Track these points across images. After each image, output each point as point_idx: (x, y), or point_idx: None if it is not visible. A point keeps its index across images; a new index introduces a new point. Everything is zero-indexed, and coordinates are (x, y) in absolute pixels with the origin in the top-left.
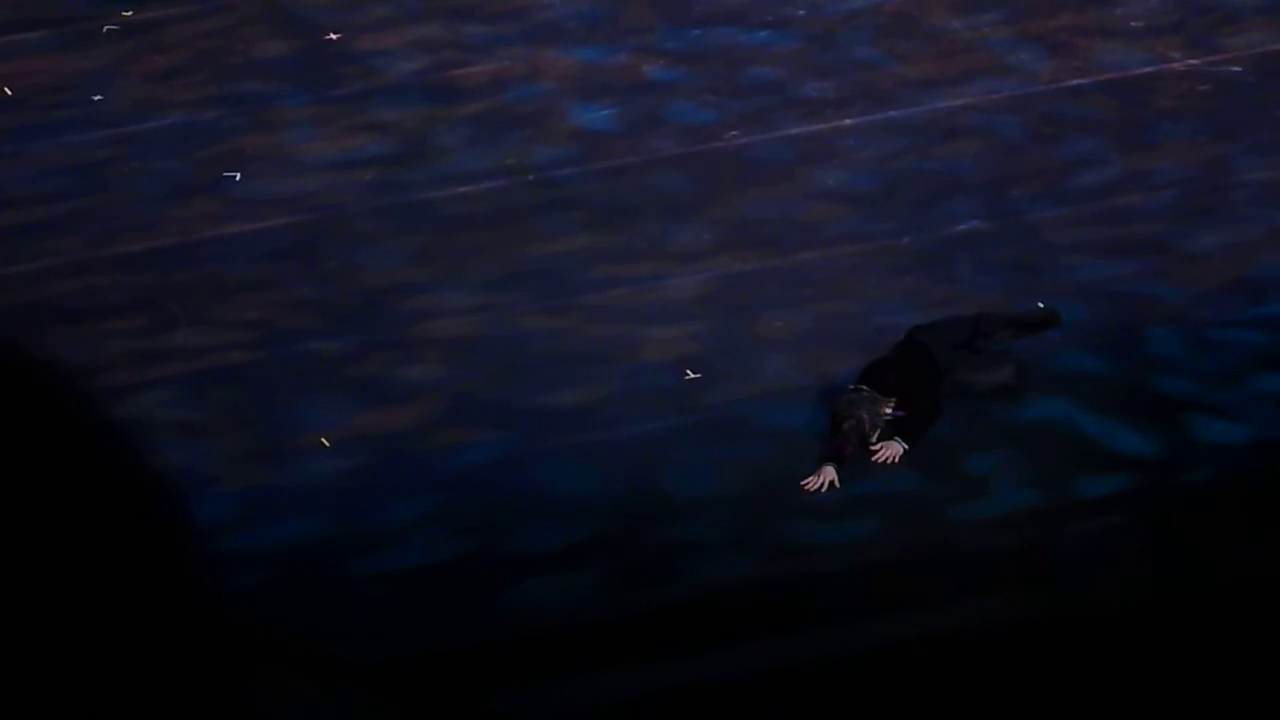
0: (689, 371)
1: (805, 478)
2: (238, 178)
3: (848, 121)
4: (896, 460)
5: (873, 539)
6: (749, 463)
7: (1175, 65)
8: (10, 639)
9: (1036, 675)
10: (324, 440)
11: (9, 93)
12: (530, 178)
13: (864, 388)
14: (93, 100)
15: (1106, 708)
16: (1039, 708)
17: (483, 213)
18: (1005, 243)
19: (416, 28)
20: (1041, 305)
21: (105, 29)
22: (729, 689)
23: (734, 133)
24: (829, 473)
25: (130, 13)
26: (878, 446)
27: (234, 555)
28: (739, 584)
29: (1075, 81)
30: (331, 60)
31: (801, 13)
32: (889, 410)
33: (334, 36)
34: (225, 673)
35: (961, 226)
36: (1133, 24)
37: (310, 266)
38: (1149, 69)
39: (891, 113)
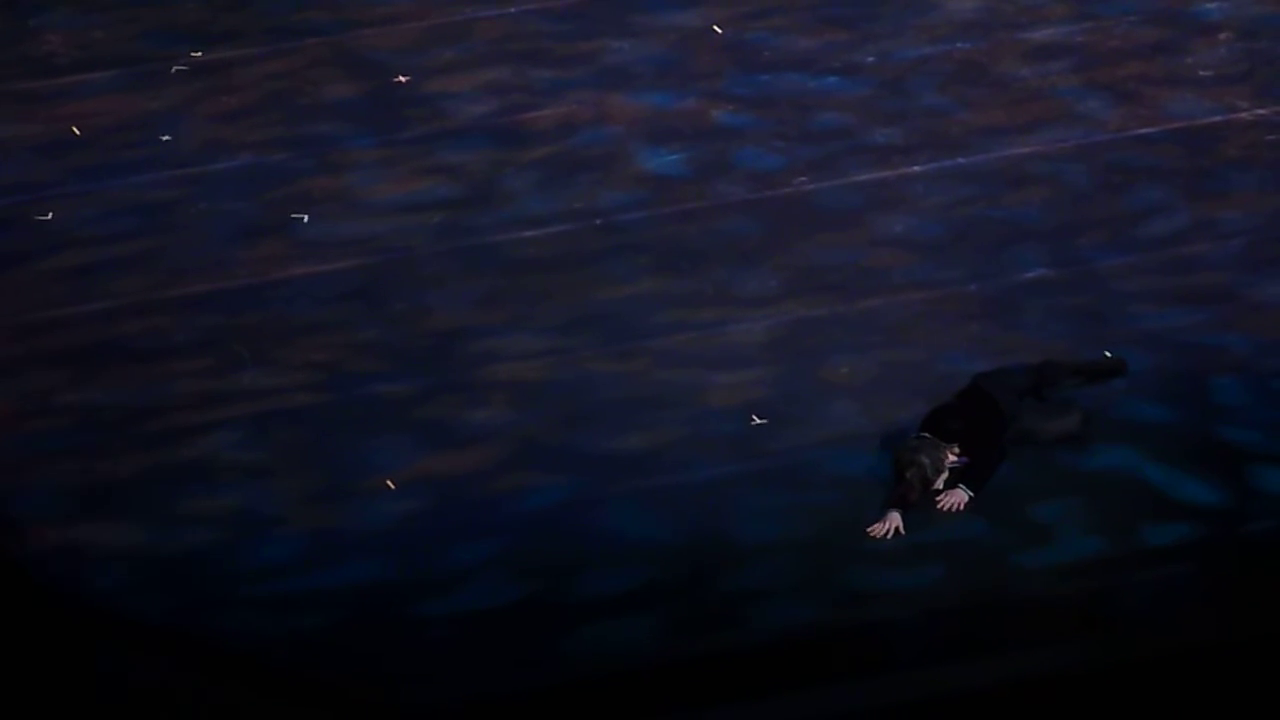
0: (755, 417)
1: (870, 524)
2: (305, 219)
3: (916, 168)
4: (961, 508)
5: (938, 586)
6: (814, 509)
7: (1244, 115)
8: None
9: None
10: (389, 482)
11: (78, 132)
12: (598, 222)
13: (927, 435)
14: (161, 140)
15: None
16: None
17: (550, 256)
18: (1072, 291)
19: (485, 71)
20: (1108, 354)
21: (174, 69)
22: None
23: (802, 178)
24: (894, 519)
25: (199, 53)
26: (943, 494)
27: (298, 596)
28: (804, 630)
29: (1143, 130)
30: (400, 103)
31: (870, 59)
32: (953, 457)
33: (402, 79)
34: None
35: (1029, 274)
36: (1201, 73)
37: (377, 309)
38: (1217, 118)
39: (960, 160)
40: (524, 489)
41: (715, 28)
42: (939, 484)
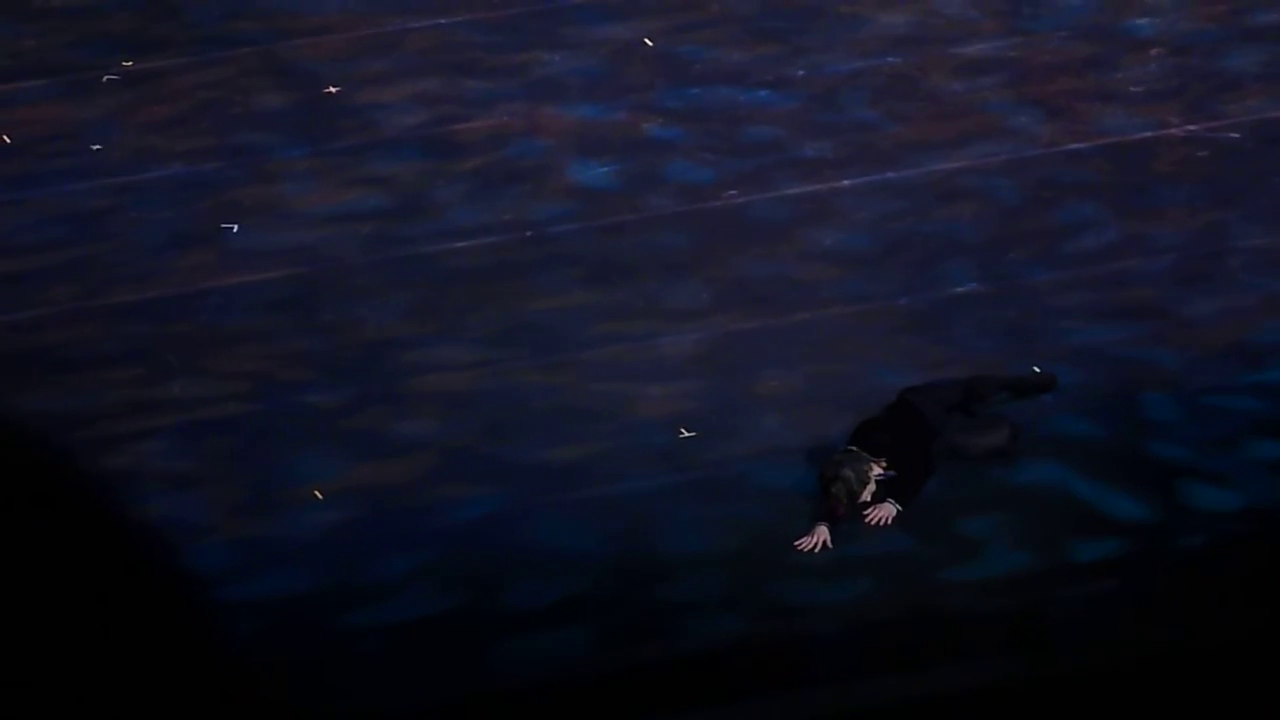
0: (684, 430)
1: (798, 537)
2: (235, 229)
3: (846, 182)
4: (889, 522)
5: (865, 600)
6: (742, 522)
7: (1174, 131)
8: (9, 679)
9: None
10: (317, 493)
11: (8, 141)
12: (528, 234)
13: (853, 448)
14: (92, 150)
15: None
16: None
17: (480, 268)
18: (1002, 305)
19: (416, 82)
20: (1037, 369)
21: (105, 79)
22: None
23: (732, 191)
24: (822, 533)
25: (130, 63)
26: (871, 508)
27: (226, 606)
28: (731, 643)
29: (1074, 145)
30: (330, 113)
31: (801, 73)
32: (880, 470)
33: (333, 90)
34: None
35: (958, 289)
36: (1132, 89)
37: (307, 319)
38: (1148, 134)
39: (890, 174)
40: (453, 500)
41: (647, 40)
42: (867, 497)
